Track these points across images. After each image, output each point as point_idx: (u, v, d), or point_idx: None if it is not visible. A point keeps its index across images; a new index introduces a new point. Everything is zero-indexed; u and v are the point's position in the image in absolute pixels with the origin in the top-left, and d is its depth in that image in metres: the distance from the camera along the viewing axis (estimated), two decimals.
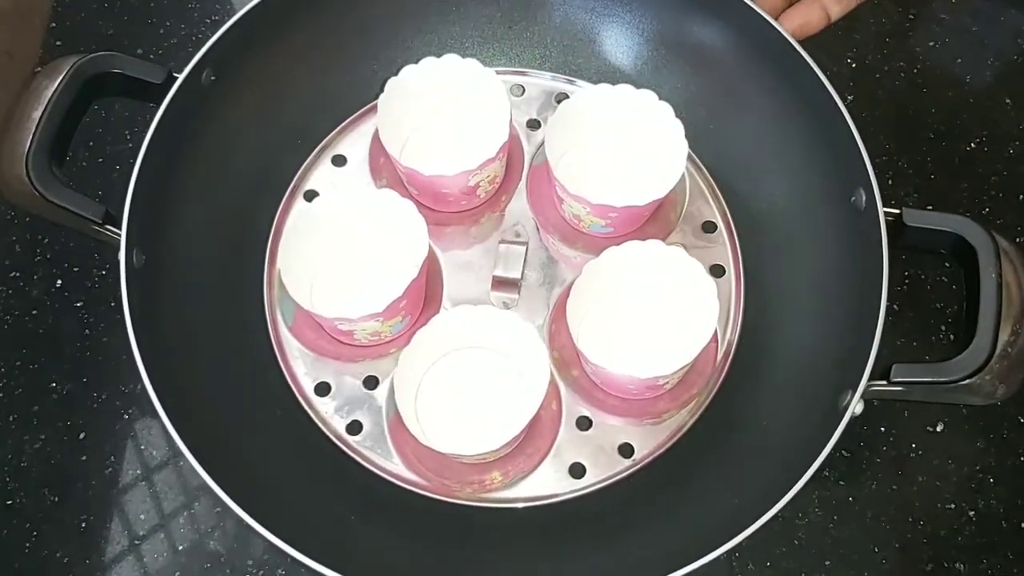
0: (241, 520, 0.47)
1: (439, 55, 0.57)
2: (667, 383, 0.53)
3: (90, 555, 0.55)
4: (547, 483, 0.53)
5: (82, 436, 0.58)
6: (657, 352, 0.54)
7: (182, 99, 0.54)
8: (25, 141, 0.51)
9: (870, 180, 0.51)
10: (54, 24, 0.70)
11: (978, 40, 0.71)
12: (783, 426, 0.53)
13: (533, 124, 0.62)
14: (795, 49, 0.56)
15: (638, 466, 0.53)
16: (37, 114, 0.51)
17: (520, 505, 0.53)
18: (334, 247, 0.55)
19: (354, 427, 0.54)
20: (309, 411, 0.55)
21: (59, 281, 0.62)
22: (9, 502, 0.56)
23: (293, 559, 0.47)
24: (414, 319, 0.55)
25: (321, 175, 0.61)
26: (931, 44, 0.71)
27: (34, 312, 0.61)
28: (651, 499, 0.53)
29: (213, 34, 0.56)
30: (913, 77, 0.69)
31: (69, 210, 0.51)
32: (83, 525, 0.56)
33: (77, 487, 0.57)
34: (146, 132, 0.52)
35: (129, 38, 0.70)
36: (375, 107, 0.56)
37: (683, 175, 0.58)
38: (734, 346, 0.56)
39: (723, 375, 0.55)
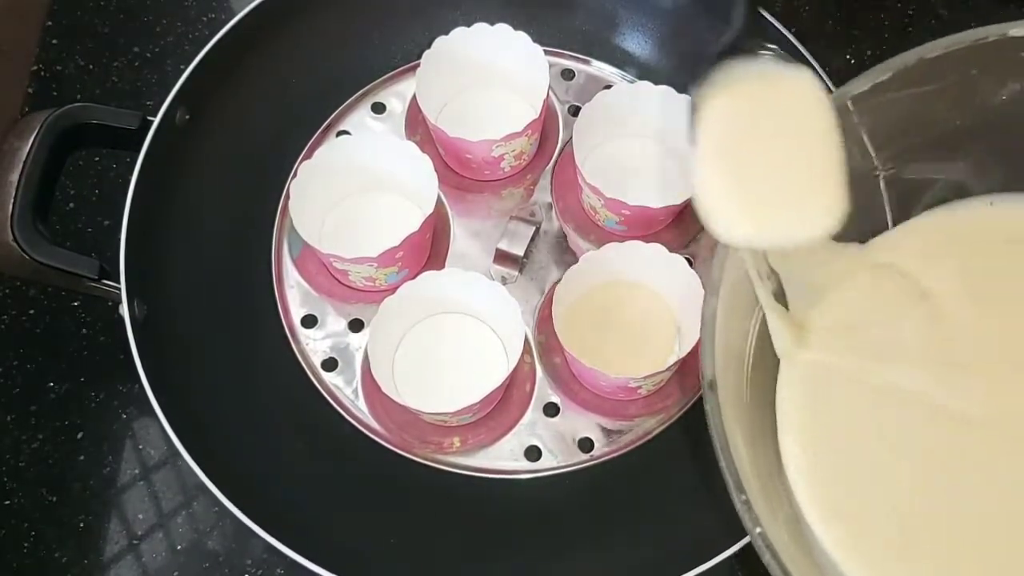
0: (239, 519, 0.48)
1: (492, 23, 0.58)
2: (642, 388, 0.53)
3: (88, 555, 0.55)
4: (502, 459, 0.54)
5: (80, 436, 0.58)
6: (634, 355, 0.54)
7: (160, 144, 0.55)
8: (7, 207, 0.51)
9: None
10: (50, 22, 0.70)
11: None
12: None
13: (576, 110, 0.62)
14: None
15: (595, 462, 0.54)
16: (14, 177, 0.51)
17: (472, 474, 0.53)
18: (347, 188, 0.57)
19: (329, 364, 0.56)
20: (291, 339, 0.56)
21: None
22: (7, 502, 0.56)
23: (292, 559, 0.47)
24: (413, 272, 0.56)
25: (358, 119, 0.62)
26: (929, 39, 0.70)
27: (31, 311, 0.61)
28: (608, 498, 0.54)
29: (210, 32, 0.56)
30: None
31: (63, 270, 0.51)
32: (81, 525, 0.56)
33: (75, 487, 0.57)
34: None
35: (125, 36, 0.69)
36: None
37: None
38: None
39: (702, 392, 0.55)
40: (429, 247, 0.58)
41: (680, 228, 0.59)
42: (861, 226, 0.45)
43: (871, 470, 0.42)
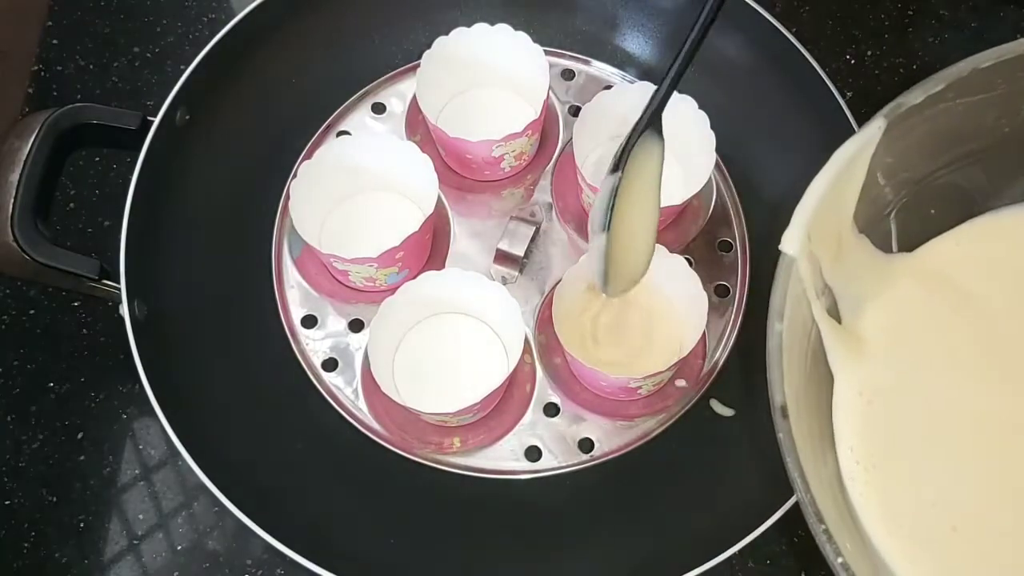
0: (239, 519, 0.48)
1: (492, 24, 0.58)
2: (642, 388, 0.53)
3: (89, 555, 0.55)
4: (502, 459, 0.54)
5: (80, 436, 0.58)
6: (634, 355, 0.54)
7: (160, 144, 0.55)
8: (7, 207, 0.50)
9: None
10: (51, 23, 0.70)
11: (977, 36, 0.71)
12: (755, 456, 0.53)
13: (576, 111, 0.62)
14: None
15: (595, 462, 0.54)
16: (15, 177, 0.51)
17: (472, 474, 0.53)
18: (347, 188, 0.57)
19: (330, 364, 0.56)
20: (291, 339, 0.56)
21: None
22: (8, 502, 0.56)
23: (292, 559, 0.47)
24: (413, 273, 0.56)
25: (358, 119, 0.62)
26: (930, 40, 0.70)
27: (32, 311, 0.61)
28: (608, 498, 0.54)
29: (210, 32, 0.56)
30: (912, 73, 0.69)
31: (63, 270, 0.51)
32: (82, 525, 0.56)
33: (75, 487, 0.57)
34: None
35: (125, 36, 0.69)
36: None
37: (712, 189, 0.59)
38: (719, 366, 0.56)
39: (703, 392, 0.56)
40: (429, 247, 0.58)
41: (680, 229, 0.59)
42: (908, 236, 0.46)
43: (928, 483, 0.42)
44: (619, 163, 0.48)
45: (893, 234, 0.46)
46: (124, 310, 0.51)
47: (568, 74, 0.64)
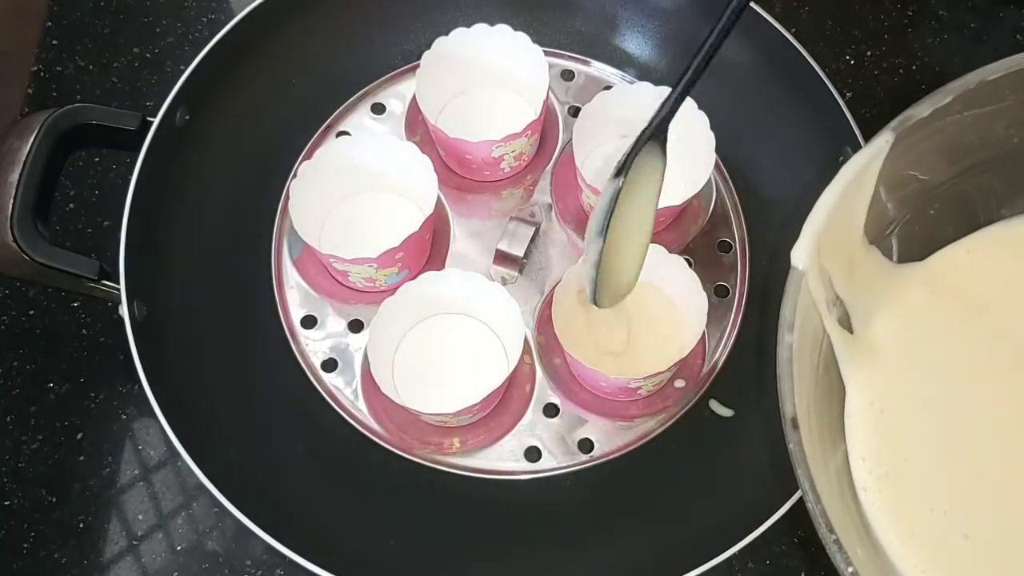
0: (239, 520, 0.48)
1: (492, 24, 0.58)
2: (642, 388, 0.53)
3: (88, 555, 0.55)
4: (502, 459, 0.54)
5: (80, 436, 0.58)
6: (633, 356, 0.54)
7: (160, 144, 0.55)
8: (7, 207, 0.50)
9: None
10: (50, 23, 0.70)
11: (976, 37, 0.71)
12: (754, 457, 0.53)
13: (576, 111, 0.62)
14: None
15: (595, 462, 0.54)
16: (14, 177, 0.51)
17: (472, 475, 0.54)
18: (347, 188, 0.57)
19: (329, 364, 0.56)
20: (291, 340, 0.56)
21: None
22: (7, 502, 0.56)
23: (291, 559, 0.47)
24: (413, 273, 0.56)
25: (358, 119, 0.62)
26: (930, 41, 0.70)
27: (31, 312, 0.61)
28: (608, 498, 0.54)
29: (210, 32, 0.56)
30: (911, 74, 0.69)
31: (63, 270, 0.51)
32: (81, 525, 0.56)
33: (75, 487, 0.57)
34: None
35: (125, 36, 0.69)
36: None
37: (712, 189, 0.59)
38: (719, 367, 0.56)
39: (702, 392, 0.56)
40: (429, 248, 0.58)
41: (679, 229, 0.59)
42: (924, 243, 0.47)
43: (940, 492, 0.42)
44: (622, 168, 0.48)
45: (894, 249, 0.46)
46: (124, 310, 0.51)
47: (568, 74, 0.64)
